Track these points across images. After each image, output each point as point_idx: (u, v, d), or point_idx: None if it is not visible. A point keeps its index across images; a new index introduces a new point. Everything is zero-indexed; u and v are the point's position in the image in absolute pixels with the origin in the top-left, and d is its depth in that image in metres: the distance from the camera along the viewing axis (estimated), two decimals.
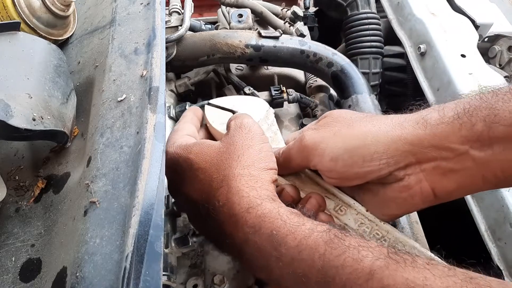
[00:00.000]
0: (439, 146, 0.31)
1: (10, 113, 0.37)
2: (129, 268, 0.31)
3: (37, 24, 0.49)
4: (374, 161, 0.33)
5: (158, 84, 0.41)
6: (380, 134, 0.33)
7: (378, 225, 0.38)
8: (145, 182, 0.35)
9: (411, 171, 0.33)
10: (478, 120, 0.30)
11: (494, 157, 0.30)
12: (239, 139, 0.37)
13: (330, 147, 0.35)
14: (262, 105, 0.49)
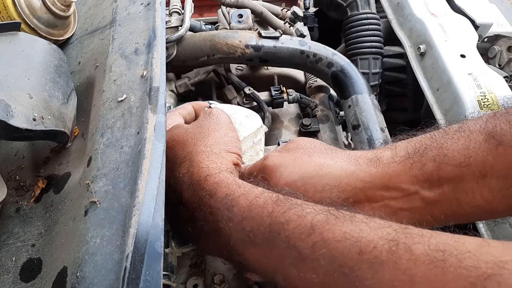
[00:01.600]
0: (390, 185, 0.32)
1: (11, 113, 0.37)
2: (130, 268, 0.31)
3: (37, 24, 0.50)
4: (324, 192, 0.34)
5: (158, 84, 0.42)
6: (335, 168, 0.34)
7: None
8: (145, 182, 0.35)
9: (360, 209, 0.33)
10: (428, 160, 0.31)
11: (443, 196, 0.31)
12: (206, 123, 0.40)
13: (288, 171, 0.36)
14: (256, 122, 0.49)
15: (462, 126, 0.32)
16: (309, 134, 0.72)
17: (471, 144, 0.30)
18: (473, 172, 0.30)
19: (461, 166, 0.30)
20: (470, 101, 0.65)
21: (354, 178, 0.33)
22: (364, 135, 0.62)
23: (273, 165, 0.37)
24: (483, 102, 0.65)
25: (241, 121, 0.48)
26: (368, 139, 0.61)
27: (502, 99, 0.65)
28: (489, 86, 0.67)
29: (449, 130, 0.33)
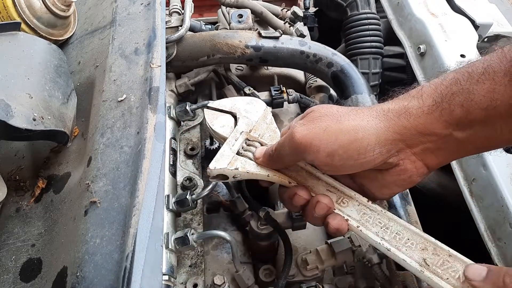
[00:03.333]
0: (425, 132, 0.35)
1: (11, 113, 0.37)
2: (129, 268, 0.31)
3: (37, 24, 0.50)
4: (368, 152, 0.35)
5: (158, 84, 0.42)
6: (369, 128, 0.36)
7: (380, 214, 0.40)
8: (145, 182, 0.35)
9: (404, 156, 0.36)
10: (456, 105, 0.33)
11: (475, 135, 0.34)
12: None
13: (324, 144, 0.36)
14: (260, 105, 0.50)
15: (487, 68, 0.32)
16: None
17: (496, 87, 0.31)
18: (500, 113, 0.32)
19: (488, 109, 0.32)
20: None
21: (390, 132, 0.35)
22: None
23: (305, 141, 0.37)
24: None
25: (245, 109, 0.48)
26: None
27: None
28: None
29: (473, 72, 0.33)
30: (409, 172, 0.37)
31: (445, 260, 0.36)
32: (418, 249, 0.37)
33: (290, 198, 0.41)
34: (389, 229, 0.38)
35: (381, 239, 0.38)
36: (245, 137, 0.46)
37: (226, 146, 0.44)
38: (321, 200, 0.39)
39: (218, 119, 0.48)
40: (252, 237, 0.54)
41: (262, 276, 0.53)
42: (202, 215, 0.59)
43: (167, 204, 0.50)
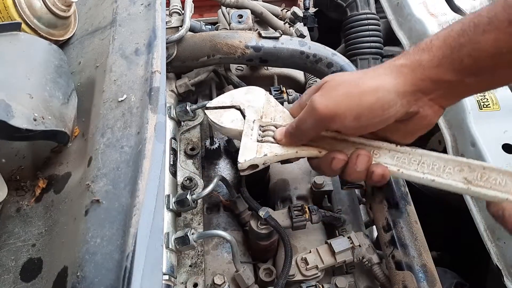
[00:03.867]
0: (438, 81, 0.38)
1: (11, 113, 0.37)
2: (130, 267, 0.31)
3: (38, 24, 0.50)
4: (391, 108, 0.39)
5: (158, 85, 0.42)
6: (387, 85, 0.38)
7: (411, 154, 0.43)
8: (145, 182, 0.35)
9: (422, 103, 0.39)
10: (464, 56, 0.36)
11: (484, 80, 0.37)
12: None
13: (349, 109, 0.39)
14: (259, 92, 0.50)
15: (492, 18, 0.35)
16: None
17: (501, 36, 0.34)
18: (507, 60, 0.35)
19: (495, 57, 0.35)
20: (469, 101, 0.65)
21: (408, 85, 0.38)
22: None
23: (330, 111, 0.39)
24: (483, 103, 0.65)
25: (246, 99, 0.48)
26: None
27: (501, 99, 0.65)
28: None
29: (479, 23, 0.35)
30: (428, 116, 0.40)
31: (482, 173, 0.40)
32: (456, 172, 0.41)
33: (328, 164, 0.43)
34: (425, 163, 0.42)
35: (423, 174, 0.42)
36: (259, 125, 0.47)
37: (246, 138, 0.45)
38: (361, 153, 0.42)
39: (224, 115, 0.48)
40: (252, 237, 0.54)
41: (262, 276, 0.53)
42: (202, 215, 0.59)
43: (167, 204, 0.50)
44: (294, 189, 0.63)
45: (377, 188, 0.56)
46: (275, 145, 0.45)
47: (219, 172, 0.65)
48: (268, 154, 0.44)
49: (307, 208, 0.54)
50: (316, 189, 0.60)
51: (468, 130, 0.63)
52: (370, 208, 0.62)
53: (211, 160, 0.66)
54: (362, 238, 0.52)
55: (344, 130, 0.42)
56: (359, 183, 0.57)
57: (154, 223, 0.34)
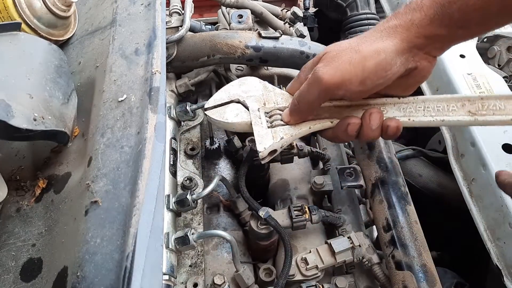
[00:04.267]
0: (431, 36, 0.41)
1: (11, 113, 0.37)
2: (130, 267, 0.31)
3: (38, 24, 0.50)
4: (393, 67, 0.41)
5: (158, 85, 0.42)
6: (387, 46, 0.41)
7: (415, 102, 0.46)
8: (145, 182, 0.35)
9: (419, 58, 0.42)
10: (454, 11, 0.39)
11: (472, 30, 0.41)
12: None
13: (354, 75, 0.41)
14: (253, 80, 0.50)
15: None
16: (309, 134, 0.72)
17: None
18: (493, 13, 0.37)
19: (483, 9, 0.37)
20: None
21: (405, 44, 0.41)
22: None
23: (335, 80, 0.41)
24: None
25: (242, 90, 0.48)
26: None
27: None
28: (489, 86, 0.67)
29: None
30: (425, 68, 0.43)
31: (482, 103, 0.43)
32: (459, 107, 0.44)
33: (344, 131, 0.46)
34: (429, 107, 0.45)
35: (432, 117, 0.45)
36: (264, 112, 0.48)
37: (257, 127, 0.46)
38: (372, 111, 0.45)
39: (227, 112, 0.48)
40: (252, 237, 0.54)
41: (262, 276, 0.53)
42: (202, 215, 0.59)
43: (167, 204, 0.50)
44: (294, 189, 0.63)
45: (377, 188, 0.56)
46: (287, 127, 0.46)
47: (219, 172, 0.65)
48: (284, 137, 0.45)
49: (307, 208, 0.54)
50: (316, 189, 0.60)
51: (468, 130, 0.63)
52: (370, 208, 0.62)
53: (211, 160, 0.66)
54: (362, 238, 0.52)
55: (349, 96, 0.44)
56: (359, 183, 0.57)
57: (154, 223, 0.34)
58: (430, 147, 0.85)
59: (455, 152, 0.65)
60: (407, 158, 0.80)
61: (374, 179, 0.57)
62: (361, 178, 0.58)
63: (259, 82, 0.50)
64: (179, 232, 0.48)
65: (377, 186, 0.56)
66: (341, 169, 0.58)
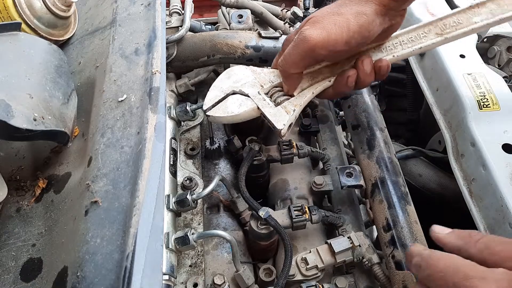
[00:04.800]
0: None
1: (11, 113, 0.37)
2: (130, 267, 0.31)
3: (38, 24, 0.50)
4: (374, 27, 0.46)
5: (158, 85, 0.42)
6: (367, 9, 0.45)
7: (391, 40, 0.52)
8: (145, 182, 0.35)
9: (394, 16, 0.47)
10: None
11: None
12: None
13: (340, 35, 0.45)
14: (239, 69, 0.52)
15: None
16: (309, 134, 0.72)
17: None
18: None
19: None
20: (469, 101, 0.65)
21: (381, 6, 0.45)
22: (363, 135, 0.62)
23: (322, 40, 0.44)
24: (483, 102, 0.65)
25: (235, 81, 0.50)
26: (368, 139, 0.61)
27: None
28: (489, 86, 0.67)
29: None
30: (398, 23, 0.49)
31: (443, 23, 0.50)
32: (428, 32, 0.51)
33: (344, 84, 0.50)
34: (404, 40, 0.52)
35: (409, 48, 0.51)
36: (264, 93, 0.50)
37: (266, 108, 0.48)
38: (363, 58, 0.49)
39: (228, 106, 0.49)
40: (252, 237, 0.54)
41: (262, 276, 0.53)
42: (202, 215, 0.59)
43: (167, 204, 0.50)
44: (294, 189, 0.63)
45: (377, 188, 0.56)
46: (293, 99, 0.49)
47: (219, 172, 0.65)
48: (296, 108, 0.49)
49: (307, 208, 0.54)
50: (316, 189, 0.60)
51: (468, 130, 0.63)
52: (370, 208, 0.62)
53: (211, 160, 0.66)
54: (362, 238, 0.52)
55: (332, 56, 0.48)
56: (359, 183, 0.57)
57: (154, 223, 0.34)
58: (430, 147, 0.85)
59: (455, 152, 0.65)
60: (407, 158, 0.80)
61: (374, 179, 0.57)
62: (361, 178, 0.58)
63: (245, 68, 0.52)
64: (179, 232, 0.48)
65: (377, 186, 0.56)
66: (341, 169, 0.58)
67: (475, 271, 0.33)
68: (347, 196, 0.62)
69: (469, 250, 0.37)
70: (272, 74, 0.51)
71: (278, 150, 0.60)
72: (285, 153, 0.59)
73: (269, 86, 0.50)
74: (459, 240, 0.39)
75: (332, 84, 0.51)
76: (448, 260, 0.35)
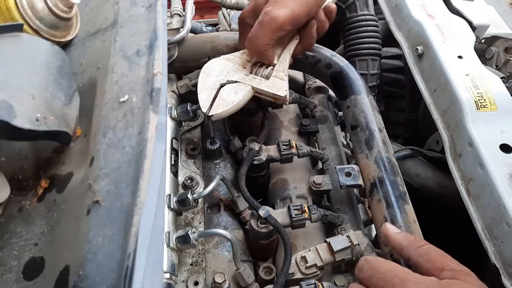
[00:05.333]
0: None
1: (13, 113, 0.37)
2: (131, 266, 0.31)
3: (40, 25, 0.50)
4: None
5: (160, 85, 0.42)
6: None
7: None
8: (147, 181, 0.35)
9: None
10: None
11: None
12: None
13: (302, 9, 0.51)
14: (216, 62, 0.54)
15: None
16: (308, 134, 0.72)
17: None
18: None
19: None
20: (467, 101, 0.65)
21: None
22: (362, 135, 0.63)
23: (288, 17, 0.50)
24: (480, 103, 0.65)
25: (216, 75, 0.52)
26: (367, 139, 0.62)
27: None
28: (486, 87, 0.67)
29: None
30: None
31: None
32: None
33: (310, 36, 0.58)
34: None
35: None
36: (250, 73, 0.52)
37: (262, 84, 0.51)
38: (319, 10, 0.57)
39: (225, 99, 0.51)
40: (252, 236, 0.54)
41: (262, 274, 0.54)
42: (203, 214, 0.59)
43: (168, 203, 0.51)
44: (294, 188, 0.63)
45: (376, 188, 0.56)
46: (277, 66, 0.52)
47: (219, 171, 0.65)
48: (285, 73, 0.52)
49: (307, 207, 0.54)
50: (315, 189, 0.61)
51: (466, 131, 0.63)
52: (368, 207, 0.63)
53: (212, 160, 0.67)
54: (360, 237, 0.53)
55: (296, 25, 0.54)
56: (358, 182, 0.58)
57: (156, 222, 0.34)
58: (428, 147, 0.86)
59: (452, 152, 0.66)
60: (405, 158, 0.80)
61: (372, 179, 0.57)
62: (360, 177, 0.58)
63: (219, 59, 0.55)
64: (180, 231, 0.48)
65: (375, 185, 0.56)
66: (340, 169, 0.58)
67: (412, 276, 0.38)
68: (346, 195, 0.62)
69: (411, 251, 0.42)
70: (245, 54, 0.54)
71: (277, 150, 0.61)
72: (284, 153, 0.60)
73: (250, 66, 0.52)
74: (405, 241, 0.44)
75: (299, 40, 0.58)
76: (389, 265, 0.41)
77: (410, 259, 0.43)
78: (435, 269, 0.40)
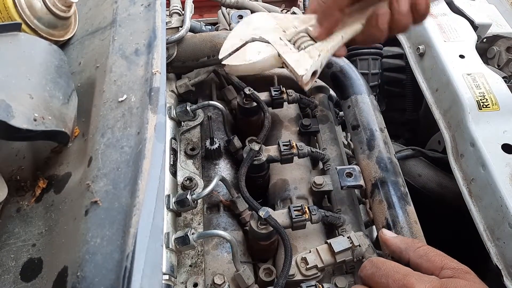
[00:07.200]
0: None
1: (11, 113, 0.37)
2: (130, 267, 0.31)
3: (38, 25, 0.50)
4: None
5: (158, 85, 0.42)
6: None
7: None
8: (145, 182, 0.35)
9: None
10: None
11: None
12: None
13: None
14: (261, 16, 0.45)
15: None
16: (308, 134, 0.72)
17: None
18: None
19: None
20: (469, 101, 0.65)
21: None
22: (363, 135, 0.62)
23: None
24: (482, 102, 0.65)
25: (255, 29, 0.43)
26: (368, 139, 0.61)
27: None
28: (488, 87, 0.67)
29: None
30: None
31: None
32: None
33: (375, 25, 0.44)
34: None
35: None
36: (286, 39, 0.43)
37: (288, 54, 0.42)
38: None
39: (247, 53, 0.43)
40: (252, 237, 0.54)
41: (262, 276, 0.53)
42: (202, 215, 0.59)
43: (167, 204, 0.50)
44: (294, 189, 0.63)
45: (377, 188, 0.56)
46: (319, 43, 0.43)
47: (219, 172, 0.65)
48: (321, 53, 0.42)
49: (307, 208, 0.54)
50: (316, 189, 0.60)
51: (468, 131, 0.63)
52: (369, 208, 0.62)
53: (211, 160, 0.66)
54: (361, 238, 0.52)
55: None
56: (359, 183, 0.57)
57: (154, 223, 0.34)
58: (429, 147, 0.85)
59: (454, 152, 0.66)
60: (406, 158, 0.80)
61: (373, 179, 0.57)
62: (361, 178, 0.58)
63: (266, 14, 0.46)
64: (179, 232, 0.48)
65: (376, 186, 0.56)
66: (340, 169, 0.58)
67: (413, 272, 0.39)
68: (347, 196, 0.62)
69: (410, 253, 0.43)
70: (297, 20, 0.45)
71: (278, 150, 0.60)
72: (285, 153, 0.59)
73: (293, 32, 0.43)
74: (403, 244, 0.44)
75: (363, 28, 0.45)
76: (391, 263, 0.41)
77: (410, 260, 0.43)
78: (435, 269, 0.41)
